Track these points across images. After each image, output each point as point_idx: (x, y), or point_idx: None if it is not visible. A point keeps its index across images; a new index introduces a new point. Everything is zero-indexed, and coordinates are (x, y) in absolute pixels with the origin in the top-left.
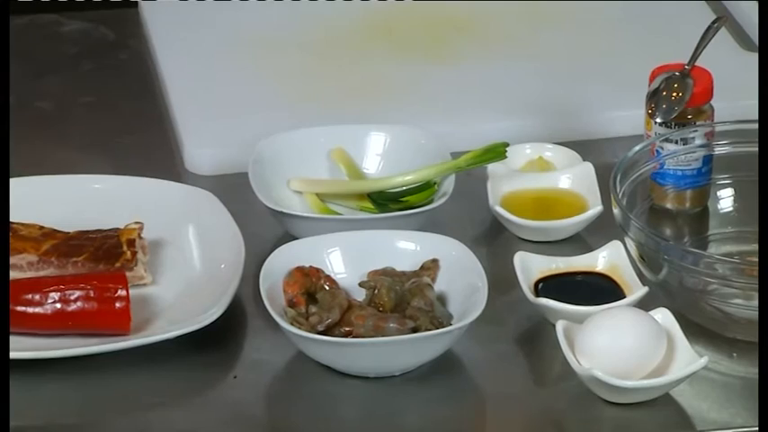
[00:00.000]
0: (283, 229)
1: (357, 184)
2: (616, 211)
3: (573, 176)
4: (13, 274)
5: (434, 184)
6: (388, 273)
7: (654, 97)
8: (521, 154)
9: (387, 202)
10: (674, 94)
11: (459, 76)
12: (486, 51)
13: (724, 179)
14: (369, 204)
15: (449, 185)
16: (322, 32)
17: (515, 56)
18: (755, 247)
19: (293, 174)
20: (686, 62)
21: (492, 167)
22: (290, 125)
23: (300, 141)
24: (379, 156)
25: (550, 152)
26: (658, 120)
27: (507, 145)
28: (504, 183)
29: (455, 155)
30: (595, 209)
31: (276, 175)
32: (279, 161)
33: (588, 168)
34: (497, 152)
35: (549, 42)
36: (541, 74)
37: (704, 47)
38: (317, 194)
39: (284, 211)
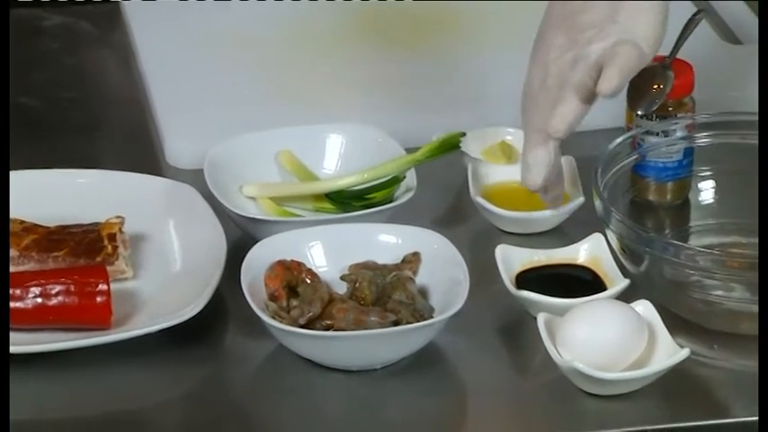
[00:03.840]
0: (248, 235)
1: (311, 185)
2: (597, 203)
3: None
4: None
5: (401, 179)
6: (369, 266)
7: (634, 90)
8: (482, 138)
9: (349, 201)
10: (655, 87)
11: (436, 69)
12: (461, 43)
13: (705, 171)
14: (327, 204)
15: (412, 180)
16: (305, 26)
17: (491, 48)
18: (736, 238)
19: (248, 178)
20: (667, 54)
21: (473, 159)
22: (271, 119)
23: (253, 145)
24: (337, 156)
25: (511, 136)
26: (639, 112)
27: (463, 134)
28: (485, 174)
29: None
30: (577, 200)
31: (233, 181)
32: (233, 166)
33: (569, 161)
34: (453, 142)
35: (528, 34)
36: (522, 66)
37: (685, 39)
38: (272, 198)
39: (257, 217)
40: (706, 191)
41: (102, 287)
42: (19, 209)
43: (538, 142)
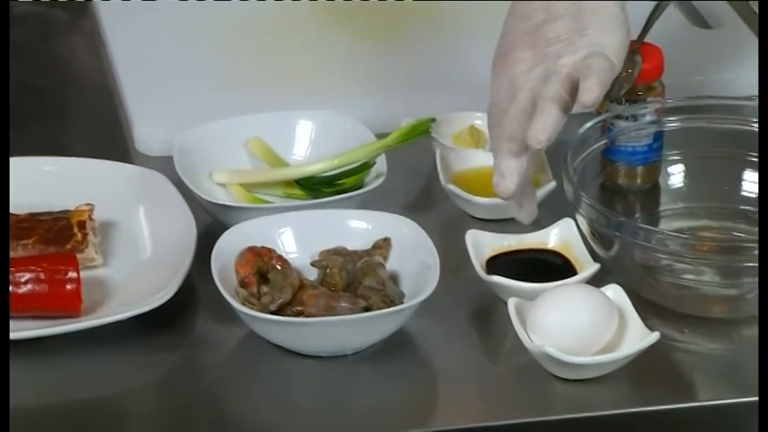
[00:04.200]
0: (219, 221)
1: (281, 171)
2: (567, 188)
3: None
4: None
5: (371, 165)
6: (339, 252)
7: None
8: (451, 123)
9: (319, 187)
10: (623, 71)
11: (405, 55)
12: (430, 30)
13: (674, 155)
14: (297, 191)
15: (382, 166)
16: (275, 14)
17: (459, 34)
18: (706, 222)
19: (218, 165)
20: (634, 39)
21: (441, 148)
22: (241, 106)
23: (223, 132)
24: (307, 142)
25: (480, 120)
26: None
27: (433, 120)
28: (455, 161)
29: None
30: (548, 185)
31: (203, 168)
32: (203, 153)
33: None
34: (423, 128)
35: (496, 20)
36: (490, 53)
37: (652, 24)
38: (242, 185)
39: (226, 203)
40: (675, 175)
41: (72, 275)
42: None
43: (510, 151)
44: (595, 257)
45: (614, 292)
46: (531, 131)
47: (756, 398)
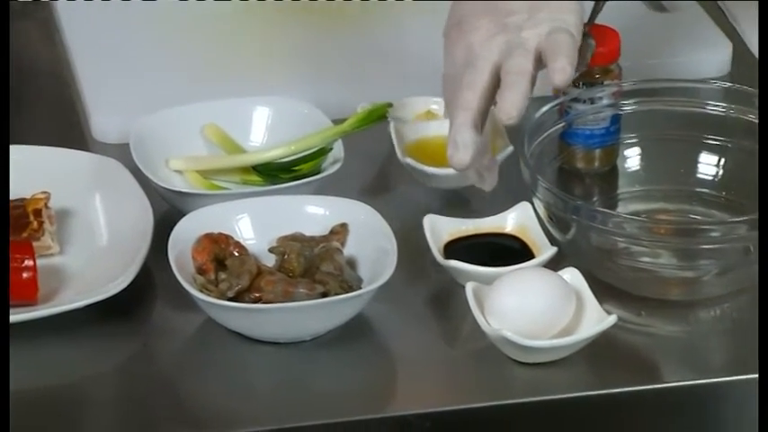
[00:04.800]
0: (175, 208)
1: (238, 157)
2: (525, 171)
3: None
4: None
5: (328, 150)
6: (297, 238)
7: None
8: (408, 108)
9: (276, 173)
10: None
11: (365, 41)
12: (392, 15)
13: (632, 138)
14: (254, 177)
15: (339, 151)
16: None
17: (422, 19)
18: (663, 205)
19: (175, 152)
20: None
21: (394, 124)
22: (197, 92)
23: (179, 118)
24: (263, 128)
25: (437, 105)
26: None
27: (390, 105)
28: (409, 132)
29: None
30: (506, 150)
31: (159, 155)
32: (159, 140)
33: (491, 113)
34: (379, 113)
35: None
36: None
37: (601, 7)
38: (198, 172)
39: (183, 190)
40: (633, 158)
41: (28, 263)
42: None
43: (465, 122)
44: (553, 241)
45: (571, 275)
46: (503, 106)
47: (714, 379)
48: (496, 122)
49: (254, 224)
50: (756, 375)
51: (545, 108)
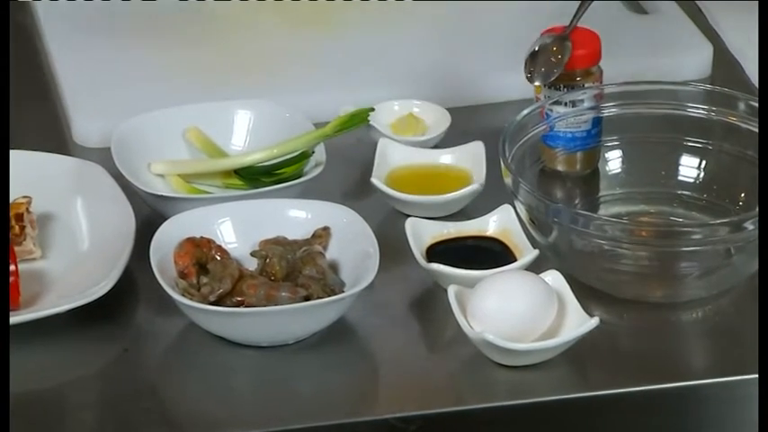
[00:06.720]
0: (157, 212)
1: (220, 161)
2: (506, 174)
3: (459, 153)
4: None
5: (310, 154)
6: (279, 242)
7: (532, 60)
8: (390, 111)
9: (258, 177)
10: (553, 57)
11: (347, 45)
12: (375, 20)
13: (613, 141)
14: (236, 181)
15: (321, 155)
16: (212, 5)
17: (403, 24)
18: (644, 207)
19: (156, 156)
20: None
21: (383, 141)
22: (179, 96)
23: (161, 122)
24: (245, 132)
25: (418, 108)
26: (537, 83)
27: (372, 110)
28: (392, 157)
29: None
30: (475, 184)
31: (141, 159)
32: (141, 144)
33: (478, 146)
34: (361, 117)
35: (437, 9)
36: (430, 41)
37: (585, 10)
38: (180, 175)
39: (165, 194)
40: (614, 160)
41: (10, 267)
42: None
43: None
44: (534, 244)
45: (553, 278)
46: None
47: (696, 381)
48: (480, 155)
49: (236, 228)
50: (737, 378)
51: (526, 111)
